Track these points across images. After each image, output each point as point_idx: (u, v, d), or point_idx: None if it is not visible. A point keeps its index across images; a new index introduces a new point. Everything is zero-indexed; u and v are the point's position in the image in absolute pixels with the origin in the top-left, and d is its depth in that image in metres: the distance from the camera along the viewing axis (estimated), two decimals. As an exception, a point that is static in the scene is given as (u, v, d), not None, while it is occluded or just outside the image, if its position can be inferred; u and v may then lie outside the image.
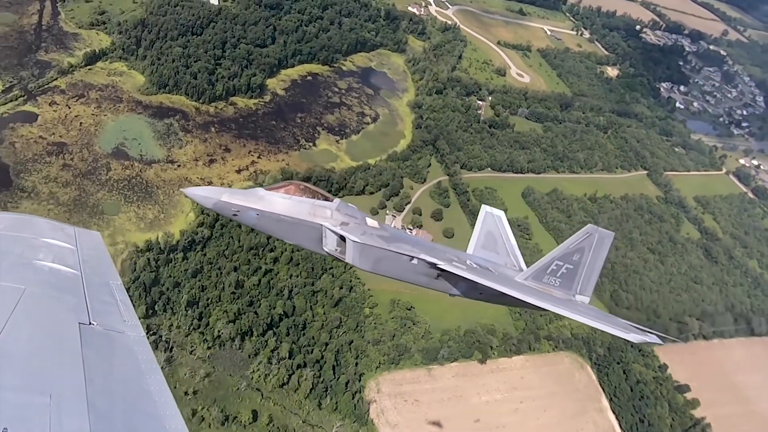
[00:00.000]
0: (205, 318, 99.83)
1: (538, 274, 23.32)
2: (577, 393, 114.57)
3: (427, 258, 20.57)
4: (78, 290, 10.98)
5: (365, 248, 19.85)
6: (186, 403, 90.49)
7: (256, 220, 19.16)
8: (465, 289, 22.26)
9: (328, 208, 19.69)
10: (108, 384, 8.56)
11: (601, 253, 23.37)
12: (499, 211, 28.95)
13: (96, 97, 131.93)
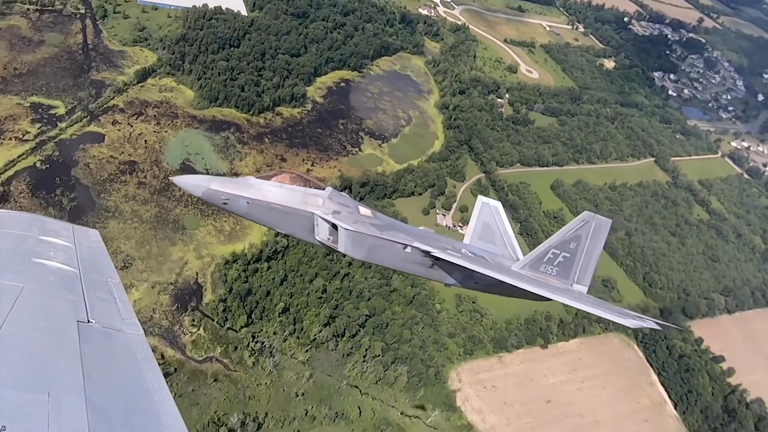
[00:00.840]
0: (298, 323, 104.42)
1: (534, 263, 22.88)
2: (629, 370, 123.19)
3: (420, 246, 20.17)
4: (76, 288, 10.89)
5: (358, 237, 19.51)
6: (297, 404, 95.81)
7: (246, 209, 18.84)
8: (460, 278, 21.92)
9: (320, 196, 19.45)
10: (106, 382, 8.51)
11: (598, 240, 22.69)
12: (495, 202, 28.15)
13: (153, 114, 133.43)
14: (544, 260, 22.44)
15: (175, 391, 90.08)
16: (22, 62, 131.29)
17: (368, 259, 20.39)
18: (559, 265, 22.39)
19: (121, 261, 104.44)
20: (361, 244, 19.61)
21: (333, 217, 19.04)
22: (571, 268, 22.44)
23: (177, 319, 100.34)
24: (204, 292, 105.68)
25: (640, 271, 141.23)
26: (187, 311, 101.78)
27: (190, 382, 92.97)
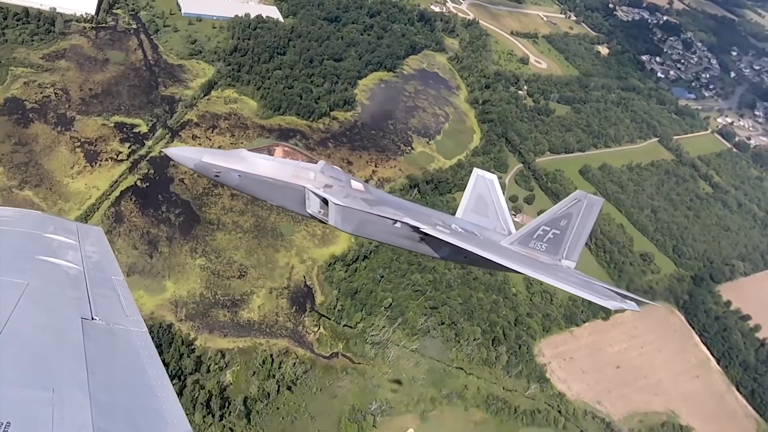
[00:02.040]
0: (403, 315, 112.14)
1: (524, 239, 22.71)
2: (676, 333, 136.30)
3: (410, 222, 20.11)
4: (80, 285, 10.76)
5: (348, 211, 19.41)
6: (417, 389, 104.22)
7: (238, 182, 18.68)
8: (449, 252, 21.89)
9: (311, 170, 19.29)
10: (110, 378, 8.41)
11: (589, 219, 22.68)
12: (491, 175, 28.17)
13: (226, 126, 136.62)
14: (534, 236, 22.44)
15: (315, 386, 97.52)
16: (95, 82, 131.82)
17: (358, 233, 20.32)
18: (548, 242, 22.45)
19: (236, 271, 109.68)
20: (351, 218, 19.59)
21: (324, 191, 19.01)
22: (561, 245, 22.58)
23: (299, 320, 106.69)
24: (315, 293, 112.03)
25: (669, 244, 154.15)
26: (306, 312, 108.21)
27: (325, 376, 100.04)
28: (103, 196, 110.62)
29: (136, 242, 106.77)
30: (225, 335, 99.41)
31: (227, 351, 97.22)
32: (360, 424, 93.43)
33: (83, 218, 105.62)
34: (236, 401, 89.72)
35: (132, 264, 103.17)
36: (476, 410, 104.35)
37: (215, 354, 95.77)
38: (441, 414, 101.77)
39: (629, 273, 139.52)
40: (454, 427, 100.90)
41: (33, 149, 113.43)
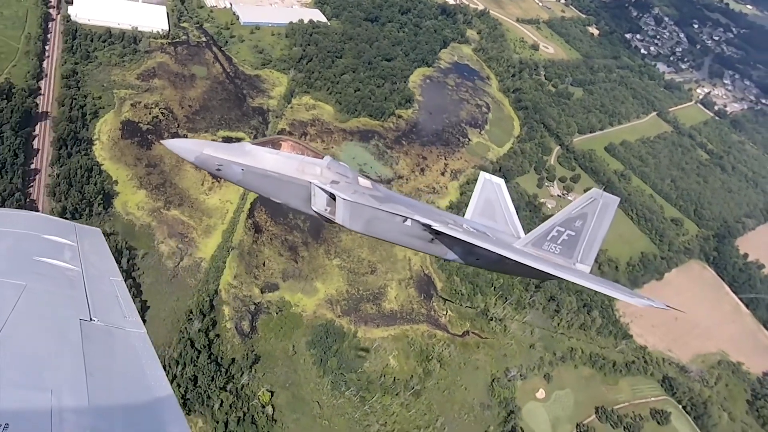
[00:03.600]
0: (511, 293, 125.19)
1: (537, 241, 21.43)
2: (710, 286, 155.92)
3: (421, 219, 18.84)
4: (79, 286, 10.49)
5: (356, 207, 18.13)
6: (534, 354, 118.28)
7: (241, 176, 17.45)
8: (461, 253, 20.74)
9: (318, 165, 18.05)
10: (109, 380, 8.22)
11: (605, 219, 21.24)
12: (498, 179, 26.66)
13: (314, 132, 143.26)
14: (547, 238, 21.24)
15: (459, 362, 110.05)
16: (191, 98, 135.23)
17: (366, 232, 19.14)
18: (563, 244, 21.19)
19: (368, 267, 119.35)
20: (360, 215, 18.46)
21: (331, 186, 17.86)
22: (575, 247, 21.25)
23: (429, 306, 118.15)
24: (434, 280, 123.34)
25: (690, 208, 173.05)
26: (432, 298, 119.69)
27: (464, 352, 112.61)
28: (238, 210, 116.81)
29: (279, 250, 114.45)
30: (377, 325, 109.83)
31: (382, 339, 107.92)
32: (507, 390, 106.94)
33: (229, 232, 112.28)
34: (411, 381, 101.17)
35: (283, 270, 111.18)
36: (584, 367, 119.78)
37: (372, 341, 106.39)
38: (558, 374, 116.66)
39: (669, 236, 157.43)
40: (570, 383, 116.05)
41: (163, 170, 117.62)
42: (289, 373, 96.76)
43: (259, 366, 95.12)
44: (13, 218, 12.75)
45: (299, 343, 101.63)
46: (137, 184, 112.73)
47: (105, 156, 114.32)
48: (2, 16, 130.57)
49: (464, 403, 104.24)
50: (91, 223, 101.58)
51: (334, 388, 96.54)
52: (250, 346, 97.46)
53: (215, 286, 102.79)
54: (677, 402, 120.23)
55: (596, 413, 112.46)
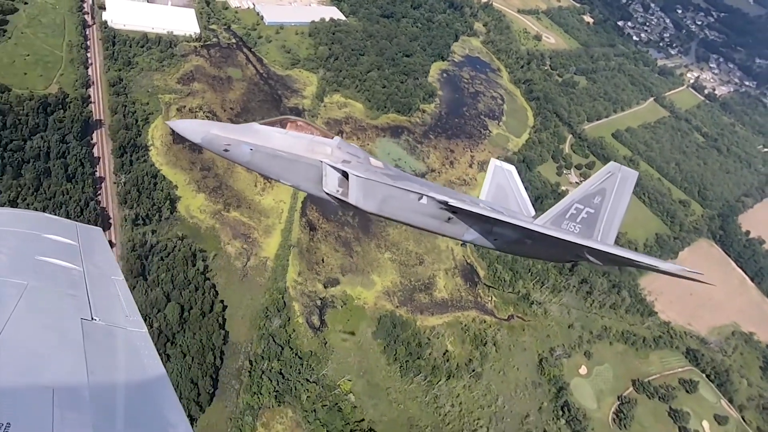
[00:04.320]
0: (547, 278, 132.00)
1: (556, 220, 20.26)
2: (718, 263, 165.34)
3: (437, 196, 18.02)
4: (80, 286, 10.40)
5: (370, 185, 17.38)
6: (572, 333, 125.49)
7: (249, 157, 16.73)
8: (480, 232, 19.36)
9: (328, 145, 17.36)
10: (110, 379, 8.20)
11: (624, 194, 20.15)
12: (509, 165, 25.88)
13: (349, 130, 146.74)
14: (566, 216, 20.46)
15: (508, 344, 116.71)
16: (231, 101, 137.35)
17: (380, 212, 18.24)
18: (582, 222, 20.38)
19: (416, 259, 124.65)
20: (373, 194, 17.65)
21: (343, 165, 17.26)
22: (595, 225, 20.40)
23: (475, 293, 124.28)
24: (476, 268, 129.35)
25: (694, 190, 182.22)
26: (477, 286, 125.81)
27: (511, 335, 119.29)
28: (291, 209, 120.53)
29: (334, 246, 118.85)
30: (432, 314, 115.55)
31: (438, 326, 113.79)
32: (556, 368, 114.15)
33: (287, 231, 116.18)
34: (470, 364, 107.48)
35: (341, 265, 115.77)
36: (618, 344, 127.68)
37: (430, 329, 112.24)
38: (596, 350, 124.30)
39: (679, 218, 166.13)
40: (607, 358, 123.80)
41: (217, 173, 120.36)
42: (361, 362, 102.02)
43: (333, 356, 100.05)
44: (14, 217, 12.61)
45: (366, 333, 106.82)
46: (195, 188, 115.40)
47: (162, 161, 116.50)
48: (41, 24, 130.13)
49: (518, 382, 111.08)
50: (162, 229, 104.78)
51: (404, 375, 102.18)
52: (322, 338, 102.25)
53: (283, 284, 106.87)
54: (701, 371, 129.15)
55: (633, 385, 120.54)
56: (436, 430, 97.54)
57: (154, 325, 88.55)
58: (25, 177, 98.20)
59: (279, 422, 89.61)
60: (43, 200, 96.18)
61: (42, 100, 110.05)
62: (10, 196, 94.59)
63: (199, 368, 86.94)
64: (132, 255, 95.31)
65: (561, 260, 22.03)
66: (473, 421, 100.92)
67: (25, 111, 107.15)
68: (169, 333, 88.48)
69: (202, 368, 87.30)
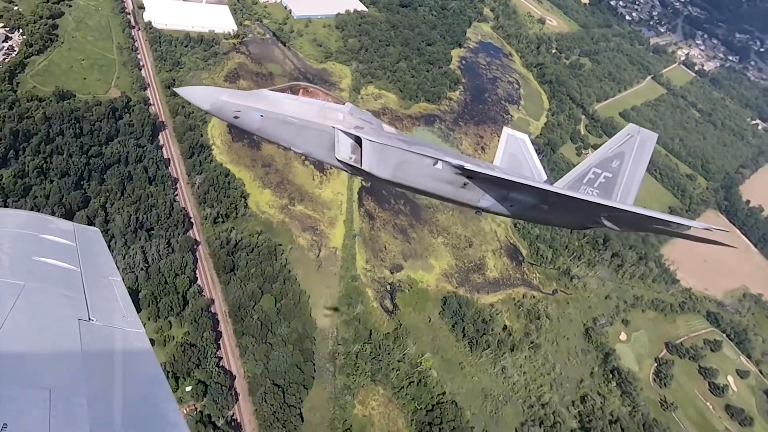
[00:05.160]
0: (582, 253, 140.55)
1: (573, 185, 19.92)
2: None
3: (452, 161, 17.34)
4: (77, 286, 10.29)
5: (384, 150, 16.78)
6: (609, 303, 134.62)
7: (260, 123, 16.29)
8: (495, 198, 18.64)
9: (340, 111, 16.94)
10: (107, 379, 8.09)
11: (643, 157, 19.70)
12: (522, 134, 25.05)
13: (387, 121, 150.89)
14: (584, 181, 19.95)
15: (556, 316, 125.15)
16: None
17: (394, 179, 17.41)
18: (599, 187, 19.85)
19: (465, 242, 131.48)
20: (387, 159, 16.94)
21: (356, 131, 16.77)
22: (613, 190, 19.87)
23: (521, 271, 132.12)
24: (519, 248, 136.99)
25: (698, 164, 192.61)
26: (521, 264, 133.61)
27: (558, 308, 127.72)
28: (349, 200, 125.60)
29: (393, 233, 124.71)
30: (487, 292, 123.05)
31: (494, 303, 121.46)
32: (602, 336, 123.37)
33: (349, 222, 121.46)
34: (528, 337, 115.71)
35: (402, 251, 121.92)
36: (649, 311, 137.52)
37: (489, 306, 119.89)
38: (632, 318, 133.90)
39: (689, 191, 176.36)
40: (641, 325, 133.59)
41: (277, 168, 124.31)
42: (434, 340, 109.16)
43: (410, 336, 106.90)
44: (11, 218, 12.41)
45: (433, 313, 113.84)
46: (261, 184, 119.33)
47: (225, 159, 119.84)
48: (88, 27, 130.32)
49: (569, 350, 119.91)
50: (239, 225, 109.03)
51: (473, 350, 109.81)
52: (397, 320, 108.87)
53: (354, 272, 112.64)
54: (722, 332, 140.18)
55: (666, 348, 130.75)
56: (507, 398, 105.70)
57: (254, 317, 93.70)
58: (109, 182, 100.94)
59: (373, 399, 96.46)
60: (130, 204, 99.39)
61: (110, 105, 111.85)
62: (100, 201, 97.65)
63: (300, 354, 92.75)
64: (222, 252, 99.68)
65: (578, 226, 20.26)
66: (537, 388, 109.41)
67: (95, 117, 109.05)
68: (268, 323, 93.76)
69: (303, 354, 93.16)
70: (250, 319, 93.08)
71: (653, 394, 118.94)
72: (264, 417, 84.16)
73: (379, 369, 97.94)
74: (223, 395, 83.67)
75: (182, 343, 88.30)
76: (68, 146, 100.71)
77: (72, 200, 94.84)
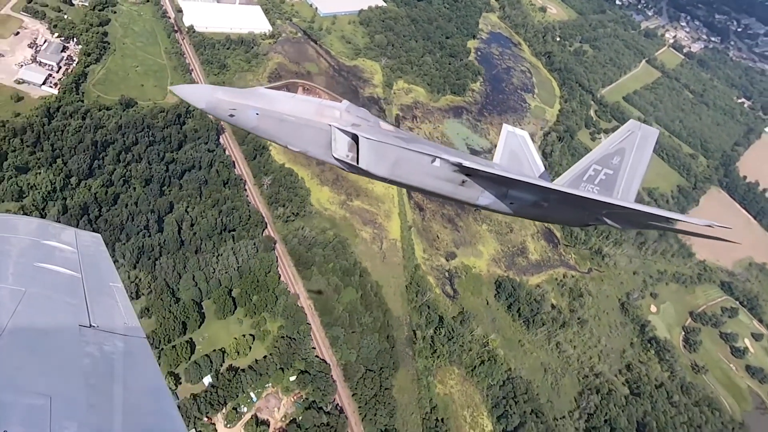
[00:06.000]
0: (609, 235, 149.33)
1: (574, 182, 19.27)
2: (727, 206, 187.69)
3: (451, 158, 16.97)
4: (78, 292, 10.19)
5: (381, 148, 16.48)
6: (637, 279, 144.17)
7: (256, 122, 15.89)
8: (494, 196, 18.30)
9: (336, 108, 16.64)
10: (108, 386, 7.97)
11: (644, 154, 19.11)
12: (522, 131, 23.95)
13: (420, 114, 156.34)
14: (584, 178, 19.35)
15: (594, 293, 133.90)
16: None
17: (392, 176, 17.23)
18: (600, 183, 19.33)
19: (506, 227, 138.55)
20: (385, 156, 16.70)
21: (353, 128, 16.41)
22: (614, 187, 19.35)
23: (558, 252, 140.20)
24: (553, 231, 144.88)
25: (698, 144, 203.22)
26: (558, 246, 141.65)
27: (595, 285, 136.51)
28: (399, 193, 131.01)
29: (442, 223, 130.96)
30: (532, 274, 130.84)
31: (540, 284, 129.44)
32: (638, 309, 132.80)
33: (403, 214, 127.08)
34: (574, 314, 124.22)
35: (453, 239, 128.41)
36: (672, 284, 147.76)
37: (536, 287, 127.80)
38: (659, 291, 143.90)
39: (694, 170, 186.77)
40: (667, 297, 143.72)
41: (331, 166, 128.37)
42: (495, 321, 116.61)
43: (473, 319, 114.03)
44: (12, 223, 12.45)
45: (489, 296, 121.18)
46: (318, 181, 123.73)
47: (283, 159, 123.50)
48: (135, 32, 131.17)
49: (610, 324, 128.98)
50: (308, 222, 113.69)
51: (529, 328, 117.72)
52: (459, 305, 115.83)
53: (414, 262, 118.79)
54: (735, 299, 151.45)
55: (690, 316, 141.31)
56: (564, 370, 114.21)
57: (339, 309, 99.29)
58: (187, 187, 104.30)
59: (450, 378, 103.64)
60: (210, 207, 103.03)
61: (174, 111, 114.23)
62: (185, 207, 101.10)
63: (386, 341, 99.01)
64: (300, 248, 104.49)
65: (579, 223, 20.07)
66: (588, 360, 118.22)
67: (162, 124, 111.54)
68: (354, 314, 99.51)
69: (389, 341, 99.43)
70: (336, 310, 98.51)
71: (685, 360, 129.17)
72: (365, 400, 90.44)
73: (453, 351, 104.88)
74: (326, 382, 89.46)
75: (279, 336, 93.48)
76: (147, 154, 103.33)
77: (160, 206, 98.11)
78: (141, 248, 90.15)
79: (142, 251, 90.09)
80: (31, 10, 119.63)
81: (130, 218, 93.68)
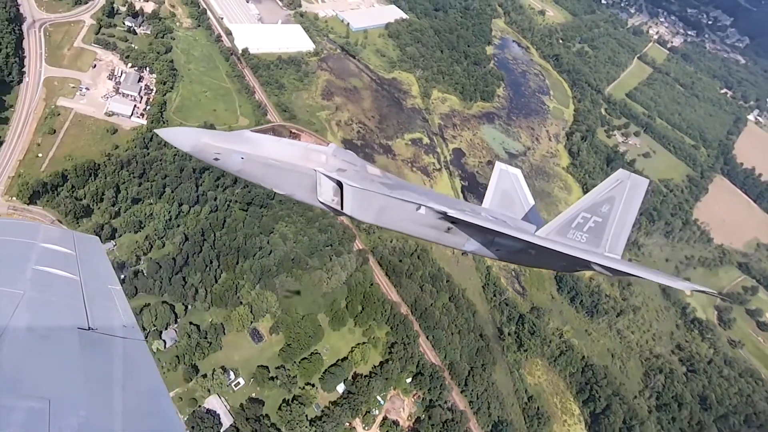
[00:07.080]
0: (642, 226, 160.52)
1: (561, 229, 18.92)
2: (730, 192, 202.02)
3: (435, 206, 17.03)
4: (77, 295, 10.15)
5: (365, 195, 16.43)
6: (671, 264, 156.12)
7: (241, 165, 15.67)
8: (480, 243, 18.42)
9: (323, 152, 16.26)
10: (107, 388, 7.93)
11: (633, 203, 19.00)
12: (515, 169, 24.06)
13: (457, 122, 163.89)
14: (572, 225, 18.97)
15: (635, 281, 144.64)
16: (368, 109, 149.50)
17: (377, 222, 17.26)
18: (589, 231, 18.94)
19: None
20: (369, 204, 16.65)
21: (338, 174, 16.19)
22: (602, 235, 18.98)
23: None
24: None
25: (697, 135, 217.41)
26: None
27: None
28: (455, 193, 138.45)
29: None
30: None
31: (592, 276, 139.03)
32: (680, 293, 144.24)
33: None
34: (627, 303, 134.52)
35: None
36: (699, 268, 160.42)
37: (589, 280, 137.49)
38: (689, 275, 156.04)
39: (699, 161, 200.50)
40: (697, 281, 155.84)
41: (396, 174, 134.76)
42: (562, 313, 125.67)
43: (545, 314, 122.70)
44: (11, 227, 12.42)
45: (552, 291, 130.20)
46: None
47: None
48: (195, 57, 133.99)
49: (656, 309, 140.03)
50: (383, 232, 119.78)
51: (592, 319, 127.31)
52: (529, 301, 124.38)
53: (485, 263, 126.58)
54: (752, 278, 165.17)
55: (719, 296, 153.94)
56: (627, 354, 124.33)
57: (436, 314, 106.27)
58: (278, 207, 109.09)
59: (536, 369, 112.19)
60: (305, 226, 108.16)
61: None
62: (283, 225, 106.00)
63: (481, 339, 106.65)
64: (393, 258, 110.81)
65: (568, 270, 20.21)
66: (646, 343, 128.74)
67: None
68: (448, 316, 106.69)
69: (483, 339, 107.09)
70: (435, 315, 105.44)
71: (722, 336, 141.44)
72: (476, 395, 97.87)
73: (536, 344, 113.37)
74: (439, 382, 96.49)
75: (388, 342, 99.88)
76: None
77: (263, 227, 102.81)
78: (262, 268, 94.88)
79: (263, 271, 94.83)
80: (102, 41, 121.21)
81: (244, 240, 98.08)
